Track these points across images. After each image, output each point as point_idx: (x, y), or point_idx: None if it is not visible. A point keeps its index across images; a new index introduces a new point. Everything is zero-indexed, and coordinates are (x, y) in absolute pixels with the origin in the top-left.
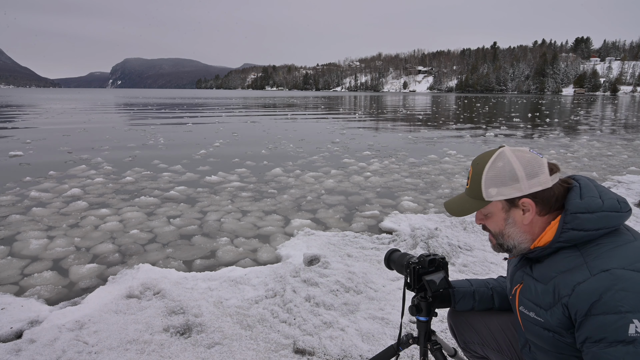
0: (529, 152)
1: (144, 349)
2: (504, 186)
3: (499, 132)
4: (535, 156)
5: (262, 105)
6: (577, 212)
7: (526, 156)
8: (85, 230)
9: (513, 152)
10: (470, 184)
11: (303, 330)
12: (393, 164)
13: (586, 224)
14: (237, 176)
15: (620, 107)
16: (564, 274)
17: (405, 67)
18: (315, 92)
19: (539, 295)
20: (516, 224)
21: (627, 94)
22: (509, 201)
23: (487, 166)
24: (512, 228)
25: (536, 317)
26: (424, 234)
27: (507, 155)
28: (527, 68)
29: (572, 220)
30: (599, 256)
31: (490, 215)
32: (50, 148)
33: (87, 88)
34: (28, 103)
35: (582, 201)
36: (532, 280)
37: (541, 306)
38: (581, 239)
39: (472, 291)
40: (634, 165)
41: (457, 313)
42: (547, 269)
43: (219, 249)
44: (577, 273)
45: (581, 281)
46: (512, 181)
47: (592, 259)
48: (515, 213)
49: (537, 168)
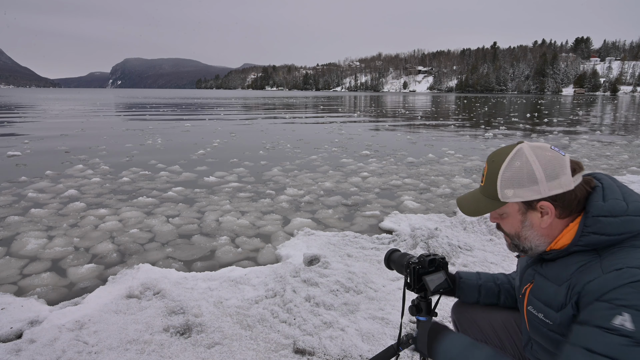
0: (550, 150)
1: (144, 349)
2: (521, 188)
3: (498, 132)
4: (557, 154)
5: (261, 104)
6: (599, 215)
7: (547, 155)
8: (84, 230)
9: (532, 150)
10: (485, 182)
11: (303, 330)
12: (392, 164)
13: (608, 228)
14: (235, 176)
15: (620, 107)
16: (578, 274)
17: (405, 67)
18: (315, 92)
19: (550, 296)
20: (533, 227)
21: (627, 94)
22: (526, 203)
23: (504, 165)
24: (529, 231)
25: (544, 319)
26: (424, 234)
27: (525, 153)
28: (527, 68)
29: (594, 224)
30: (615, 257)
31: (505, 216)
32: (48, 148)
33: (87, 88)
34: (27, 103)
35: (605, 203)
36: (544, 280)
37: (552, 307)
38: (602, 243)
39: (479, 285)
40: (634, 165)
41: (461, 309)
42: (562, 269)
43: (218, 249)
44: (590, 272)
45: (592, 279)
46: (530, 183)
47: (607, 260)
48: (533, 216)
49: (559, 169)
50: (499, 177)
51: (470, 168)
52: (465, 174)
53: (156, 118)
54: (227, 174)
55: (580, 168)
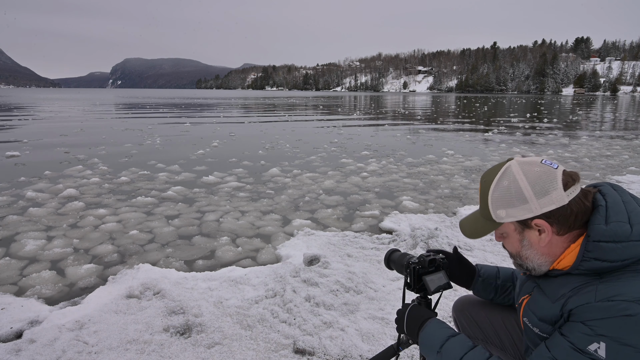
0: (540, 165)
1: (144, 349)
2: (512, 207)
3: (497, 132)
4: (547, 169)
5: (261, 104)
6: (600, 241)
7: (535, 170)
8: (84, 230)
9: (520, 167)
10: (480, 203)
11: (303, 330)
12: (391, 164)
13: (610, 254)
14: (234, 176)
15: (620, 107)
16: (572, 295)
17: (405, 67)
18: (315, 92)
19: (544, 311)
20: (532, 245)
21: (627, 94)
22: (521, 222)
23: (492, 185)
24: (529, 250)
25: (540, 333)
26: (424, 234)
27: (513, 171)
28: (527, 68)
29: (595, 250)
30: (613, 284)
31: (505, 236)
32: (48, 148)
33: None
34: (27, 103)
35: (607, 227)
36: (541, 294)
37: (546, 322)
38: (604, 269)
39: (497, 286)
40: (634, 165)
41: (462, 308)
42: (559, 286)
43: (218, 249)
44: (584, 296)
45: (583, 303)
46: (519, 202)
47: (604, 286)
48: (531, 234)
49: (548, 184)
50: (489, 197)
51: (470, 168)
52: (465, 174)
53: (156, 118)
54: (227, 174)
55: (574, 180)
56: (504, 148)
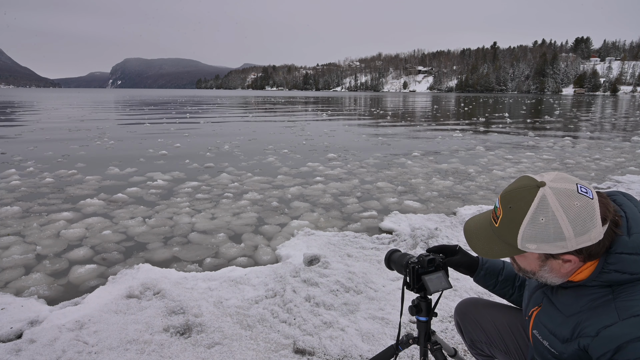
0: (578, 197)
1: (144, 349)
2: (545, 243)
3: (497, 132)
4: (586, 202)
5: (261, 103)
6: (623, 253)
7: (575, 205)
8: (84, 230)
9: (558, 200)
10: (500, 226)
11: (303, 330)
12: (392, 164)
13: (632, 267)
14: (235, 176)
15: (620, 107)
16: (589, 311)
17: (405, 67)
18: (315, 92)
19: (556, 325)
20: (553, 270)
21: (627, 94)
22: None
23: (526, 220)
24: (547, 273)
25: (550, 347)
26: (424, 234)
27: (550, 206)
28: (527, 68)
29: (617, 262)
30: (632, 298)
31: (523, 255)
32: (48, 149)
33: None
34: (28, 102)
35: (629, 239)
36: (552, 307)
37: (557, 337)
38: (623, 282)
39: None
40: (633, 165)
41: (465, 310)
42: (572, 300)
43: (218, 249)
44: (605, 315)
45: (608, 325)
46: (557, 240)
47: (622, 301)
48: (554, 263)
49: (589, 222)
50: (521, 231)
51: (470, 167)
52: (467, 174)
53: (171, 119)
54: (227, 174)
55: (610, 213)
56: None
